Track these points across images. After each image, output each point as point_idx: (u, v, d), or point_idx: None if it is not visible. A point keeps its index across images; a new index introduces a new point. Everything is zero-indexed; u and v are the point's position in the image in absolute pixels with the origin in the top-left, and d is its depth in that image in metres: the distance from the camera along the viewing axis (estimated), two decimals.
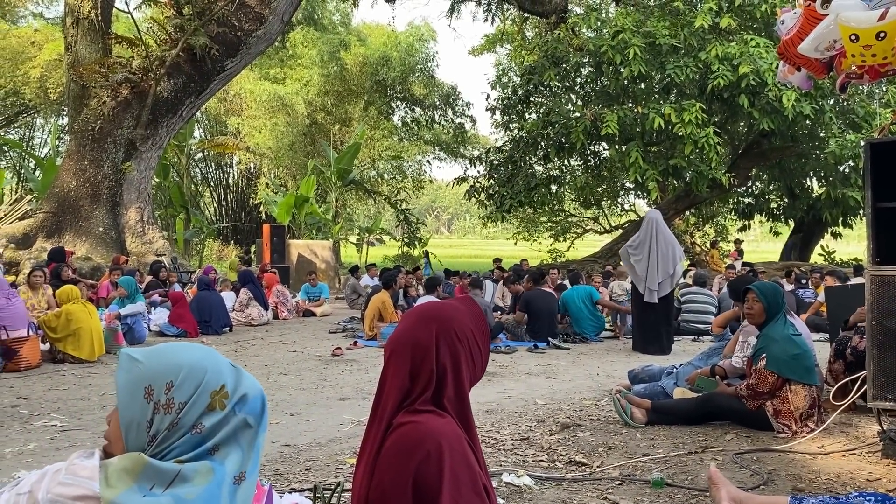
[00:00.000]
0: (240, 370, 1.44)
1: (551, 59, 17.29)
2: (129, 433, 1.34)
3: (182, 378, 1.35)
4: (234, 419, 1.37)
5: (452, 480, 1.77)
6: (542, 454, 4.23)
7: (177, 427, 1.33)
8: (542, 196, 19.06)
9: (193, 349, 1.42)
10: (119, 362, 1.37)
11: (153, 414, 1.33)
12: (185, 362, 1.37)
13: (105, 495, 1.24)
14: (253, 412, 1.41)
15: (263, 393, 1.46)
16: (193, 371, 1.36)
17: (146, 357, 1.38)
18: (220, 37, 14.75)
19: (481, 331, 1.96)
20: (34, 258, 12.61)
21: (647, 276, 8.40)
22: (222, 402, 1.36)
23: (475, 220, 48.83)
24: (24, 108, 26.75)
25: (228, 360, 1.45)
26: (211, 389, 1.36)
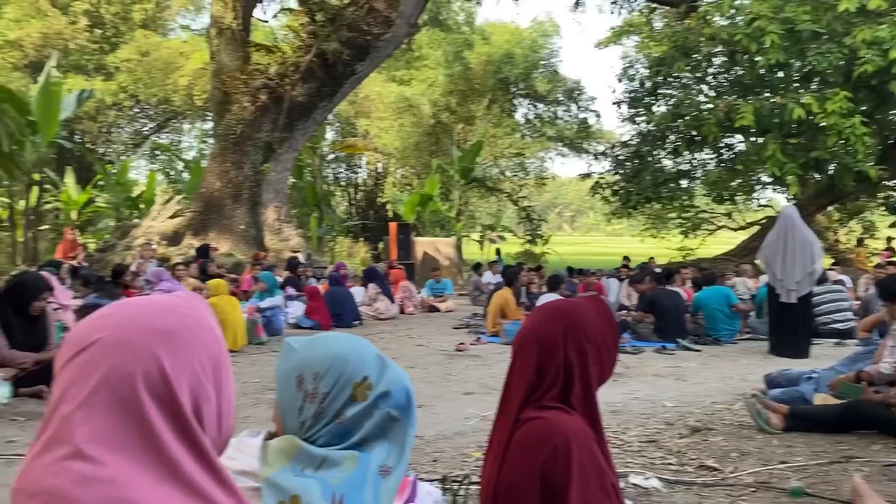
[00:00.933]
0: (386, 362, 1.47)
1: (681, 50, 16.69)
2: (285, 418, 1.45)
3: (327, 369, 1.42)
4: (378, 412, 1.42)
5: (580, 476, 1.79)
6: (671, 457, 4.14)
7: (322, 416, 1.41)
8: (671, 191, 18.47)
9: (344, 340, 1.49)
10: (281, 351, 1.48)
11: (303, 402, 1.42)
12: (332, 354, 1.44)
13: (263, 472, 1.36)
14: (397, 405, 1.44)
15: (409, 386, 1.48)
16: (337, 363, 1.43)
17: (302, 347, 1.48)
18: (350, 41, 15.30)
19: (610, 330, 1.96)
20: (183, 254, 13.61)
21: (785, 275, 8.00)
22: (364, 393, 1.41)
23: (599, 216, 47.91)
24: (173, 115, 28.90)
25: (377, 351, 1.49)
26: (353, 381, 1.42)
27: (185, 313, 0.91)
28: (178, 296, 0.96)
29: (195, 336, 0.89)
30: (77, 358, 0.85)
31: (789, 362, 7.59)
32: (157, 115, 29.48)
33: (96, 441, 0.80)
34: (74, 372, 0.84)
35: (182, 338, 0.88)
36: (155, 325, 0.87)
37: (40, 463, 0.81)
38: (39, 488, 0.80)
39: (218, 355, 0.92)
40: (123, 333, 0.86)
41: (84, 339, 0.86)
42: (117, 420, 0.82)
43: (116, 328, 0.86)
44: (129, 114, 28.48)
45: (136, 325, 0.86)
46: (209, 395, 0.89)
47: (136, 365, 0.83)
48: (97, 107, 25.39)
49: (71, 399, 0.83)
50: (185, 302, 0.94)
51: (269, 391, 6.15)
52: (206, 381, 0.89)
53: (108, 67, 26.12)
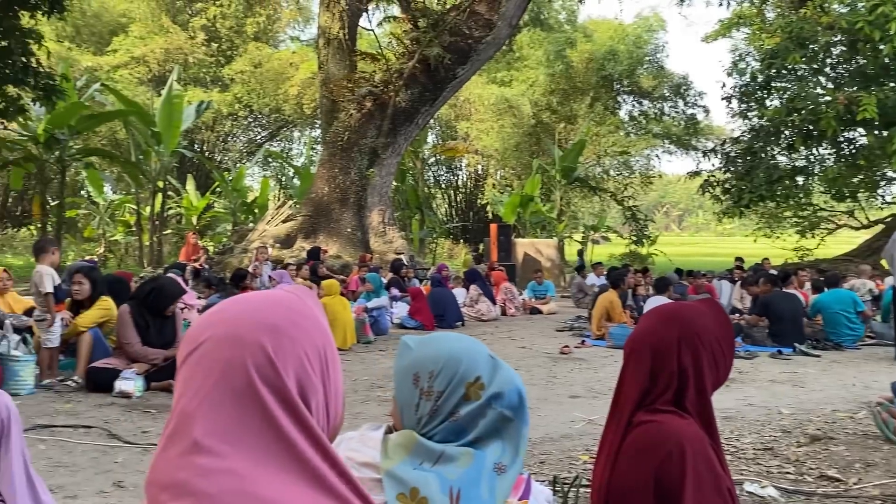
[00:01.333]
0: (498, 363, 1.51)
1: (796, 41, 15.90)
2: (403, 413, 1.52)
3: (441, 368, 1.47)
4: (491, 412, 1.46)
5: (695, 481, 1.78)
6: (789, 466, 4.00)
7: (437, 413, 1.46)
8: (786, 189, 17.60)
9: (458, 340, 1.54)
10: (398, 349, 1.56)
11: (419, 399, 1.48)
12: (446, 353, 1.49)
13: (383, 465, 1.43)
14: (510, 405, 1.48)
15: (521, 387, 1.51)
16: (451, 362, 1.47)
17: (417, 346, 1.54)
18: (451, 46, 15.48)
19: (726, 334, 1.93)
20: (295, 256, 14.18)
21: None
22: (477, 392, 1.45)
23: (709, 216, 46.26)
24: (284, 123, 30.12)
25: (489, 352, 1.53)
26: (466, 380, 1.46)
27: (291, 307, 0.95)
28: (287, 290, 0.99)
29: (300, 329, 0.93)
30: (192, 355, 0.90)
31: None
32: (269, 124, 30.81)
33: (215, 434, 0.84)
34: (191, 368, 0.89)
35: (287, 330, 0.91)
36: (261, 319, 0.91)
37: (166, 457, 0.86)
38: (168, 481, 0.84)
39: (324, 348, 0.94)
40: (231, 329, 0.90)
41: (197, 337, 0.91)
42: (235, 411, 0.85)
43: (225, 324, 0.91)
44: (243, 123, 29.91)
45: (244, 319, 0.91)
46: (315, 385, 0.92)
47: (246, 357, 0.87)
48: (214, 117, 26.81)
49: (189, 394, 0.87)
50: (293, 296, 0.97)
51: (377, 388, 6.34)
52: (312, 373, 0.92)
53: (224, 79, 27.53)
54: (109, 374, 5.83)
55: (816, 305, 9.22)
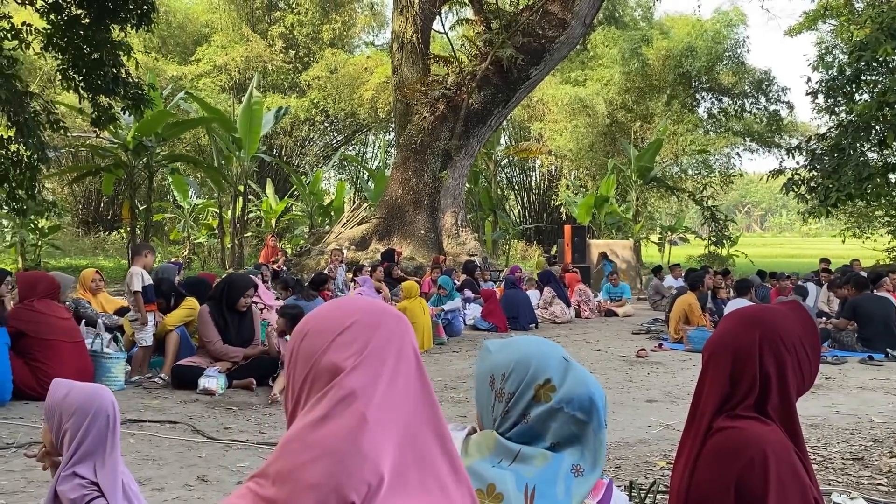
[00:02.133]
0: (571, 365, 1.51)
1: (887, 31, 15.10)
2: (482, 414, 1.56)
3: (511, 370, 1.50)
4: (562, 415, 1.46)
5: (779, 490, 1.72)
6: (881, 477, 3.81)
7: (509, 415, 1.49)
8: (877, 187, 16.72)
9: (533, 343, 1.55)
10: (480, 352, 1.60)
11: (494, 400, 1.52)
12: (517, 356, 1.52)
13: (463, 462, 1.47)
14: (582, 408, 1.47)
15: (594, 390, 1.49)
16: (520, 365, 1.50)
17: (496, 349, 1.57)
18: (524, 46, 15.41)
19: (811, 338, 1.86)
20: (370, 258, 14.40)
21: None
22: (547, 395, 1.47)
23: (793, 215, 44.52)
24: (359, 127, 30.62)
25: (563, 354, 1.53)
26: (535, 382, 1.48)
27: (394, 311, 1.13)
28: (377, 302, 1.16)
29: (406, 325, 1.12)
30: (339, 338, 1.03)
31: None
32: (344, 129, 31.39)
33: (385, 407, 0.99)
34: (342, 349, 1.02)
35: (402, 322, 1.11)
36: (391, 312, 1.09)
37: (333, 426, 0.98)
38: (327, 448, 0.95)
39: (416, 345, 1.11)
40: (374, 318, 1.06)
41: (339, 325, 1.05)
42: (406, 386, 1.03)
43: (366, 314, 1.07)
44: (319, 128, 30.56)
45: (378, 311, 1.08)
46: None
47: (396, 338, 1.05)
48: (292, 122, 27.49)
49: (348, 369, 1.01)
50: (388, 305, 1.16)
51: (451, 389, 6.37)
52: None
53: (301, 85, 28.20)
54: (194, 372, 6.07)
55: None
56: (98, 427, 2.23)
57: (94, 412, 2.23)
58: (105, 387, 2.40)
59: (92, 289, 7.39)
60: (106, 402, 2.27)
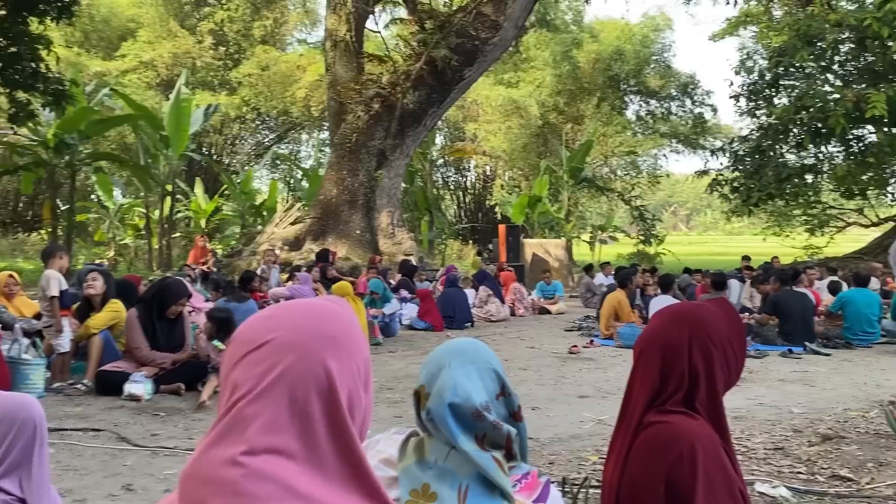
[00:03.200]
0: (444, 373, 1.53)
1: (804, 38, 15.83)
2: None
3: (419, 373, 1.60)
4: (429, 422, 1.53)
5: (707, 483, 1.76)
6: (800, 466, 3.97)
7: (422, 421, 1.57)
8: (795, 187, 17.53)
9: (442, 347, 1.63)
10: None
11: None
12: (425, 360, 1.60)
13: (400, 464, 1.51)
14: (435, 418, 1.52)
15: (452, 398, 1.49)
16: (422, 368, 1.59)
17: None
18: (458, 47, 15.49)
19: (737, 334, 1.91)
20: (304, 259, 14.21)
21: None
22: (423, 401, 1.54)
23: (717, 214, 46.08)
24: (292, 125, 30.20)
25: (449, 361, 1.55)
26: (417, 387, 1.57)
27: (345, 320, 0.95)
28: (332, 301, 1.00)
29: (354, 342, 0.94)
30: (249, 356, 0.90)
31: None
32: (277, 127, 30.90)
33: (268, 437, 0.85)
34: (248, 369, 0.89)
35: (345, 345, 0.92)
36: (323, 331, 0.92)
37: (214, 453, 0.85)
38: (212, 478, 0.83)
39: (368, 360, 0.97)
40: (296, 336, 0.90)
41: (257, 339, 0.91)
42: (289, 419, 0.86)
43: (289, 331, 0.91)
44: (251, 126, 30.01)
45: (307, 329, 0.91)
46: (360, 398, 0.94)
47: (308, 368, 0.88)
48: (222, 120, 26.91)
49: (245, 395, 0.87)
50: (341, 308, 0.98)
51: (387, 390, 6.34)
52: (359, 386, 0.94)
53: (232, 82, 27.63)
54: (119, 378, 5.85)
55: (842, 300, 9.10)
56: (24, 439, 2.11)
57: (21, 423, 2.11)
58: (31, 396, 2.29)
59: (6, 293, 7.05)
60: (33, 412, 2.16)
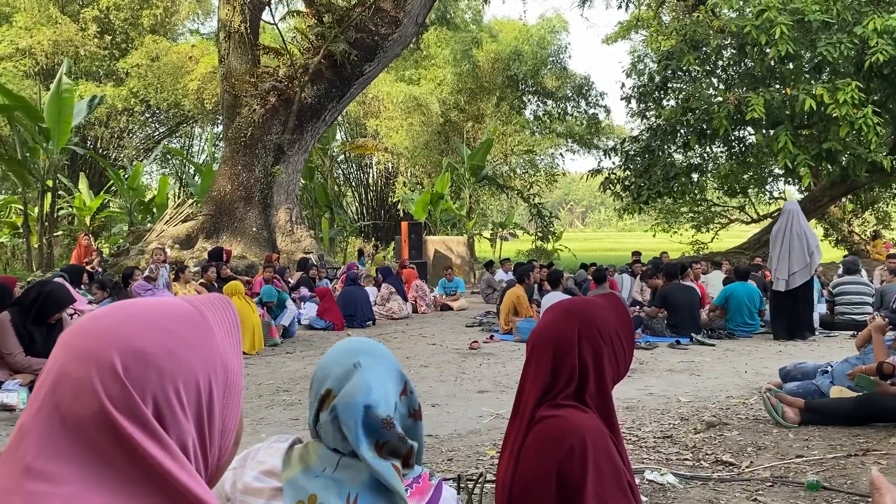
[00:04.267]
0: (354, 375, 1.46)
1: (690, 43, 16.59)
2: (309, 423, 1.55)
3: (315, 377, 1.51)
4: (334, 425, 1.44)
5: (596, 475, 1.79)
6: (687, 453, 4.14)
7: (316, 422, 1.48)
8: (682, 185, 18.35)
9: (341, 348, 1.54)
10: None
11: (310, 407, 1.52)
12: (323, 363, 1.52)
13: (284, 474, 1.43)
14: (347, 419, 1.44)
15: (369, 401, 1.43)
16: (319, 371, 1.51)
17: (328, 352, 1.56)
18: (358, 42, 15.32)
19: (625, 328, 1.95)
20: (196, 257, 13.68)
21: (778, 266, 8.68)
22: (329, 403, 1.45)
23: (611, 212, 47.76)
24: (184, 119, 29.03)
25: (358, 360, 1.48)
26: (319, 394, 1.48)
27: (173, 331, 0.82)
28: (188, 302, 0.87)
29: (174, 360, 0.80)
30: (40, 392, 0.79)
31: (803, 354, 7.57)
32: (167, 120, 29.64)
33: (48, 457, 0.74)
34: (40, 381, 0.79)
35: (154, 360, 0.79)
36: (123, 339, 0.79)
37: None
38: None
39: (208, 382, 0.83)
40: (86, 343, 0.79)
41: (57, 349, 0.80)
42: (67, 434, 0.75)
43: (84, 336, 0.80)
44: (140, 119, 28.65)
45: (105, 335, 0.79)
46: (182, 426, 0.80)
47: (91, 375, 0.76)
48: (108, 112, 25.56)
49: (30, 411, 0.77)
50: (189, 312, 0.84)
51: (283, 392, 6.18)
52: (179, 412, 0.80)
53: (119, 73, 26.29)
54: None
55: (727, 294, 9.58)
56: None
57: None
58: None
59: None
60: None
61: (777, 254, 8.76)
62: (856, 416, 4.55)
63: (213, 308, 0.87)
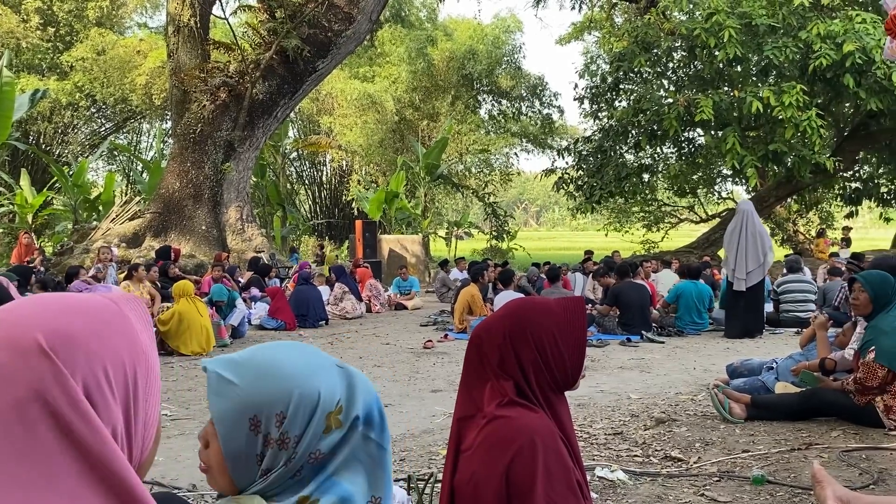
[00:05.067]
0: (348, 372, 1.20)
1: (641, 45, 16.84)
2: (235, 465, 1.13)
3: (294, 407, 1.12)
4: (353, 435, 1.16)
5: (546, 476, 1.77)
6: (637, 449, 4.17)
7: (294, 461, 1.12)
8: (634, 186, 18.63)
9: (295, 359, 1.17)
10: (208, 381, 1.14)
11: (263, 448, 1.11)
12: (293, 384, 1.13)
13: None
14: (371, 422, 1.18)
15: (378, 398, 1.21)
16: (305, 396, 1.13)
17: (242, 378, 1.13)
18: (311, 38, 15.14)
19: (566, 335, 1.91)
20: (143, 256, 13.35)
21: (736, 265, 8.74)
22: (338, 420, 1.15)
23: (564, 211, 48.27)
24: (131, 114, 28.31)
25: (334, 359, 1.22)
26: (327, 412, 1.14)
27: (95, 315, 0.81)
28: (105, 296, 0.86)
29: (102, 341, 0.79)
30: None
31: (749, 350, 7.73)
32: (114, 115, 28.88)
33: None
34: None
35: (82, 341, 0.78)
36: (49, 322, 0.77)
37: None
38: None
39: (133, 369, 0.81)
40: (9, 330, 0.77)
41: None
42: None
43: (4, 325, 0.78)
44: (85, 114, 27.84)
45: (28, 320, 0.77)
46: (111, 410, 0.78)
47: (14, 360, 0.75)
48: (52, 107, 24.79)
49: None
50: (107, 303, 0.84)
51: None
52: (109, 396, 0.78)
53: (63, 66, 25.51)
54: None
55: (677, 291, 9.72)
56: None
57: None
58: None
59: None
60: None
61: (734, 253, 8.78)
62: (799, 410, 4.66)
63: (128, 303, 0.86)
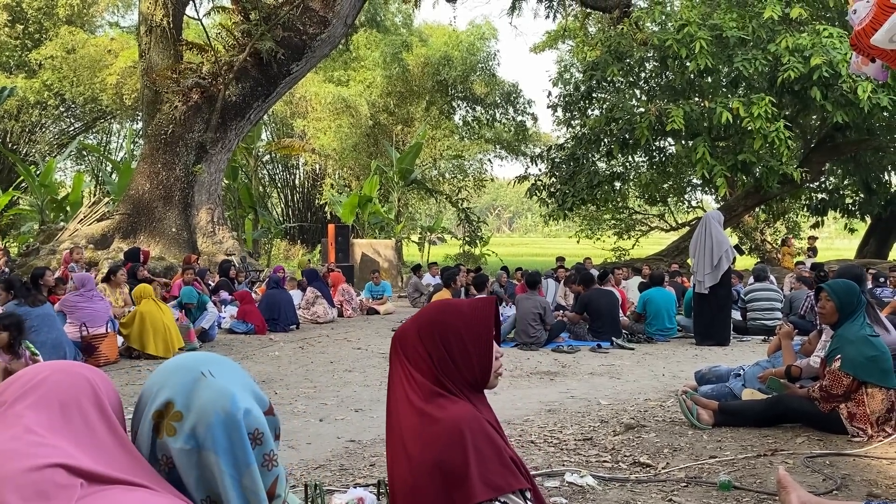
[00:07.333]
0: (210, 382, 1.23)
1: (614, 55, 17.03)
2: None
3: (139, 401, 1.30)
4: (191, 453, 1.20)
5: (477, 457, 1.85)
6: (606, 455, 4.20)
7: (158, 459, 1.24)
8: (606, 193, 18.80)
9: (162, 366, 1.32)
10: None
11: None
12: (149, 381, 1.31)
13: None
14: (210, 438, 1.20)
15: (233, 408, 1.21)
16: (143, 393, 1.29)
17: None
18: (285, 41, 15.07)
19: (473, 335, 1.97)
20: (111, 258, 13.14)
21: (697, 269, 9.16)
22: (171, 426, 1.19)
23: (537, 218, 48.52)
24: (101, 114, 27.92)
25: (206, 369, 1.27)
26: (153, 409, 1.23)
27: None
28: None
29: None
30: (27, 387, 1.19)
31: (718, 358, 7.83)
32: (84, 115, 28.44)
33: (41, 426, 1.12)
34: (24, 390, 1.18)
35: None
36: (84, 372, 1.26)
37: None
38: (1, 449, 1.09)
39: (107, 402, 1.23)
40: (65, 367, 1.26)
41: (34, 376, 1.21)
42: (60, 414, 1.14)
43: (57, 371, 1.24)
44: (53, 113, 27.39)
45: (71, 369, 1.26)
46: None
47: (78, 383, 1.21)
48: (19, 105, 24.36)
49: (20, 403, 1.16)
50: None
51: None
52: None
53: (32, 64, 25.08)
54: None
55: (645, 299, 9.81)
56: None
57: None
58: None
59: None
60: None
61: (696, 258, 9.24)
62: (766, 417, 4.73)
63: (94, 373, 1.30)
